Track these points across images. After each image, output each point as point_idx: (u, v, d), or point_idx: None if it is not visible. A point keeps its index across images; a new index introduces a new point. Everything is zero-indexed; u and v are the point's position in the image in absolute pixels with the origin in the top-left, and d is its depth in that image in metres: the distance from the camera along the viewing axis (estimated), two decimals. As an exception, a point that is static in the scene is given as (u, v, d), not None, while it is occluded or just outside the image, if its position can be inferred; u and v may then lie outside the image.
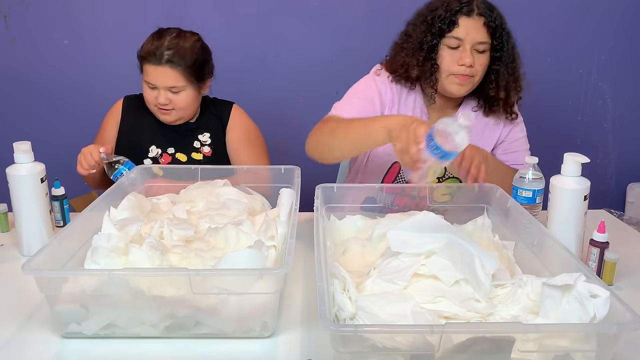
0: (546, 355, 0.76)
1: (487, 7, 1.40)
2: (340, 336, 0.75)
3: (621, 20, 2.48)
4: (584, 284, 0.81)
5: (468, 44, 1.38)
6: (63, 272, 0.94)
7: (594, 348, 0.76)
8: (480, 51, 1.40)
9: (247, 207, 1.26)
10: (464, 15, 1.38)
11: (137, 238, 1.05)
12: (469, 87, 1.43)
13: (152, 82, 1.54)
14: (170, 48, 1.52)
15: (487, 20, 1.38)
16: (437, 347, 0.73)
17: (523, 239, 1.10)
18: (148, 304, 0.89)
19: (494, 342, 0.74)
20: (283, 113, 2.47)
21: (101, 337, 0.92)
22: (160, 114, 1.59)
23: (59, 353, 0.90)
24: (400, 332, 0.76)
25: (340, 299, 0.86)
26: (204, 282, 0.87)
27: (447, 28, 1.39)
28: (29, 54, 2.41)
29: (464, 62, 1.38)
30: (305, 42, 2.44)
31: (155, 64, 1.52)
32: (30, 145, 1.23)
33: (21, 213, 1.23)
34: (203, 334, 0.92)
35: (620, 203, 2.73)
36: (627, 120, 2.61)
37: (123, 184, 1.30)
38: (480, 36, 1.39)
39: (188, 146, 1.63)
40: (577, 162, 1.14)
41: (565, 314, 0.80)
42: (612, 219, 1.48)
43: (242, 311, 0.90)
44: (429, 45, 1.41)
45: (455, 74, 1.40)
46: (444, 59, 1.41)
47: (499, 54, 1.42)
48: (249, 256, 0.92)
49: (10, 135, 1.50)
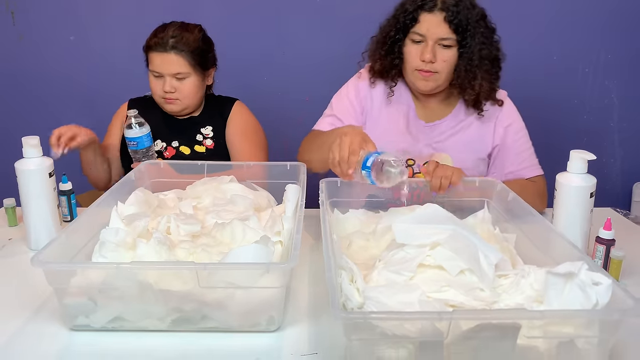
0: (550, 342, 0.78)
1: (452, 3, 1.38)
2: (351, 324, 0.76)
3: (627, 18, 2.47)
4: (586, 272, 0.83)
5: (431, 40, 1.39)
6: (71, 265, 0.95)
7: (597, 334, 0.78)
8: (445, 46, 1.40)
9: (253, 203, 1.27)
10: (425, 11, 1.40)
11: (145, 233, 1.06)
12: (433, 83, 1.44)
13: (157, 69, 1.59)
14: (175, 36, 1.58)
15: (448, 15, 1.38)
16: (445, 334, 0.74)
17: (524, 232, 1.11)
18: (155, 297, 0.89)
19: (501, 329, 0.75)
20: (288, 111, 2.47)
21: (109, 329, 0.93)
22: (165, 104, 1.63)
23: (67, 345, 0.91)
24: (408, 319, 0.78)
25: (348, 289, 0.87)
26: (210, 276, 0.88)
27: (410, 23, 1.41)
28: (35, 50, 2.43)
29: (424, 57, 1.40)
30: (311, 41, 2.44)
31: (161, 51, 1.57)
32: (39, 140, 1.24)
33: (29, 207, 1.24)
34: (210, 327, 0.92)
35: (626, 202, 2.72)
36: (634, 119, 2.60)
37: (130, 178, 1.32)
38: (442, 32, 1.39)
39: (191, 139, 1.67)
40: (583, 159, 1.14)
41: (568, 301, 0.82)
42: (618, 217, 1.48)
43: (248, 305, 0.91)
44: (392, 39, 1.44)
45: (419, 70, 1.42)
46: (409, 54, 1.43)
47: (463, 49, 1.41)
48: (255, 251, 0.93)
49: (18, 130, 1.51)
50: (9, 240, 1.31)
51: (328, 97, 1.64)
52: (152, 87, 1.64)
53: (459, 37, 1.39)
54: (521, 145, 1.52)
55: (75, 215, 1.40)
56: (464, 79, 1.43)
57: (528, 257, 1.06)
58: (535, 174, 1.51)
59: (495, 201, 1.26)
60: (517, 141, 1.52)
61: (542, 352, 0.78)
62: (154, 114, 1.67)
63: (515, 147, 1.51)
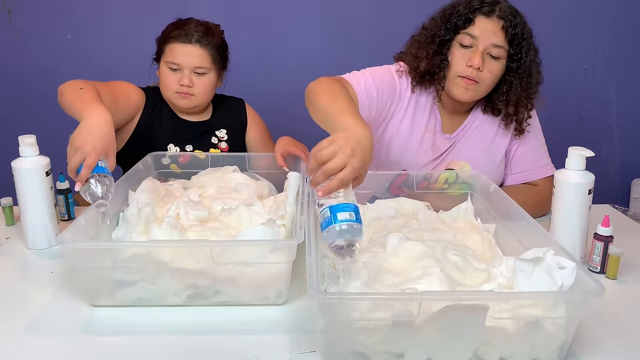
0: (518, 322, 0.83)
1: (510, 12, 1.36)
2: (328, 304, 0.83)
3: (626, 15, 2.48)
4: (552, 257, 0.89)
5: (481, 44, 1.35)
6: (95, 245, 1.03)
7: (563, 315, 0.83)
8: (494, 57, 1.36)
9: (256, 191, 1.36)
10: (483, 15, 1.35)
11: (155, 219, 1.15)
12: (473, 93, 1.39)
13: (178, 61, 1.54)
14: (199, 30, 1.56)
15: (507, 24, 1.35)
16: (416, 315, 0.80)
17: (504, 223, 1.17)
18: (172, 275, 0.99)
19: (469, 309, 0.80)
20: (286, 110, 2.47)
21: (128, 305, 1.01)
22: (179, 99, 1.58)
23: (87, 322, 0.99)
24: (382, 300, 0.85)
25: (330, 275, 0.95)
26: (223, 253, 0.97)
27: (462, 24, 1.36)
28: (32, 48, 2.44)
29: (472, 62, 1.34)
30: (308, 40, 2.45)
31: (185, 42, 1.54)
32: (36, 139, 1.24)
33: (26, 206, 1.25)
34: (222, 302, 1.02)
35: (625, 199, 2.73)
36: (632, 115, 2.62)
37: (138, 168, 1.38)
38: (497, 38, 1.35)
39: (206, 143, 1.65)
40: (582, 155, 1.14)
41: (536, 285, 0.88)
42: (616, 214, 1.49)
43: (258, 280, 1.00)
44: (441, 39, 1.39)
45: (462, 76, 1.37)
46: (454, 57, 1.38)
47: (515, 64, 1.38)
48: (262, 232, 1.03)
49: (15, 128, 1.51)
50: (6, 240, 1.31)
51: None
52: (165, 80, 1.57)
53: (511, 50, 1.36)
54: (536, 143, 1.53)
55: (73, 214, 1.41)
56: (507, 94, 1.40)
57: (507, 246, 1.10)
58: (549, 174, 1.49)
59: (478, 193, 1.32)
60: (534, 140, 1.52)
61: (511, 334, 0.83)
62: (166, 116, 1.64)
63: (531, 146, 1.52)
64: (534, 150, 1.52)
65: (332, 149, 0.93)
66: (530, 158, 1.51)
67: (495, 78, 1.39)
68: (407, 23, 1.52)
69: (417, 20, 1.51)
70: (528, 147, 1.52)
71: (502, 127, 1.49)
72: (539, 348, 0.85)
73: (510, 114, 1.44)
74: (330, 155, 0.92)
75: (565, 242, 1.12)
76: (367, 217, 1.22)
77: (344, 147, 0.92)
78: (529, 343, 0.84)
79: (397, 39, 1.55)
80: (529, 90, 1.41)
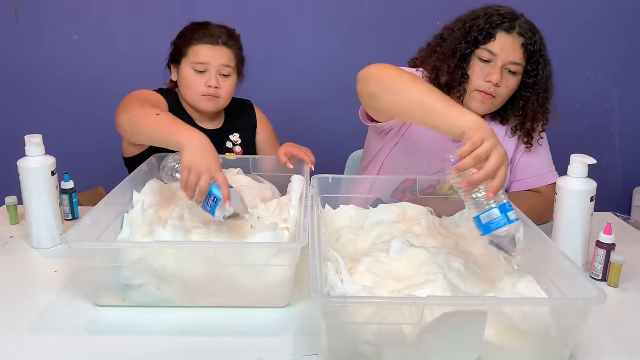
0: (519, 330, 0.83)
1: (530, 29, 1.37)
2: (330, 307, 0.83)
3: (629, 23, 2.49)
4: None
5: (500, 60, 1.36)
6: (101, 245, 1.04)
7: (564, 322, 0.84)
8: (511, 72, 1.38)
9: (259, 193, 1.36)
10: (503, 31, 1.36)
11: (159, 220, 1.16)
12: (488, 107, 1.41)
13: (205, 60, 1.52)
14: (223, 32, 1.56)
15: (526, 41, 1.36)
16: (419, 319, 0.80)
17: None
18: (175, 276, 0.99)
19: (468, 315, 0.81)
20: (288, 112, 2.48)
21: (133, 305, 1.02)
22: (204, 101, 1.55)
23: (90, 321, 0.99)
24: (385, 304, 0.85)
25: (333, 279, 0.96)
26: (226, 255, 0.98)
27: (482, 39, 1.37)
28: (38, 49, 2.45)
29: (491, 78, 1.36)
30: (311, 41, 2.45)
31: (212, 43, 1.53)
32: (42, 138, 1.25)
33: (31, 205, 1.26)
34: (226, 303, 1.03)
35: (626, 207, 2.74)
36: (634, 123, 2.62)
37: (143, 169, 1.38)
38: (515, 56, 1.36)
39: (221, 148, 1.64)
40: (584, 163, 1.15)
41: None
42: (618, 221, 1.50)
43: (261, 282, 1.01)
44: (462, 53, 1.39)
45: (480, 90, 1.38)
46: (474, 71, 1.39)
47: (532, 80, 1.39)
48: (266, 238, 1.05)
49: (21, 128, 1.52)
50: (10, 238, 1.31)
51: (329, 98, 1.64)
52: (190, 82, 1.54)
53: (528, 66, 1.38)
54: (542, 151, 1.53)
55: (77, 213, 1.43)
56: (524, 109, 1.41)
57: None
58: (553, 181, 1.47)
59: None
60: (540, 149, 1.53)
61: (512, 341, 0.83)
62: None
63: (536, 153, 1.52)
64: (539, 158, 1.53)
65: (487, 147, 0.92)
66: (535, 165, 1.52)
67: (511, 92, 1.40)
68: (415, 24, 1.51)
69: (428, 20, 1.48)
70: (534, 155, 1.52)
71: (509, 134, 1.50)
72: (541, 355, 0.86)
73: (526, 129, 1.44)
74: (488, 153, 0.92)
75: (567, 249, 1.13)
76: (370, 220, 1.23)
77: (498, 147, 0.93)
78: (530, 350, 0.85)
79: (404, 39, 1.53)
80: (545, 106, 1.43)
